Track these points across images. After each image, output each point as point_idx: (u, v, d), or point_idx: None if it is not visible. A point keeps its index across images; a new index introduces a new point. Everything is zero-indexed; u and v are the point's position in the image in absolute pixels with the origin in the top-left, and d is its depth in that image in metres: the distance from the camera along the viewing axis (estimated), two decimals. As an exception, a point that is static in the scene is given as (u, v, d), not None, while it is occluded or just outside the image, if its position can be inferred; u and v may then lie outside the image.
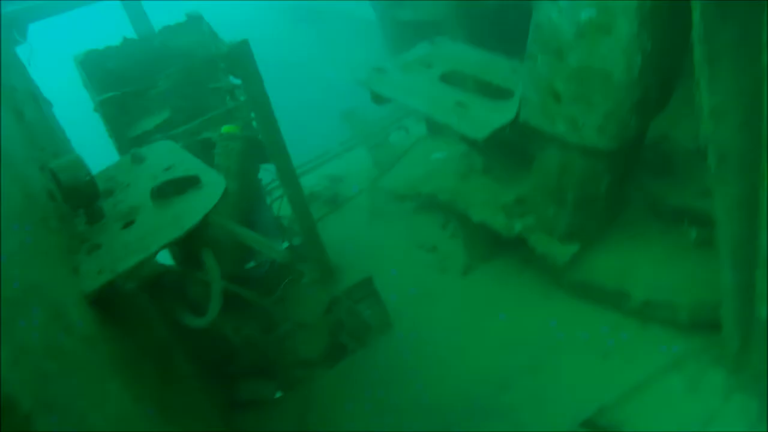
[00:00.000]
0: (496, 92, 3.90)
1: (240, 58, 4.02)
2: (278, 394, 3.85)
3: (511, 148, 3.74)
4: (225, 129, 4.19)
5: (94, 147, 4.32)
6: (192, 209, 2.40)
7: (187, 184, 2.55)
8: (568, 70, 2.93)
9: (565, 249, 3.59)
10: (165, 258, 2.92)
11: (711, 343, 3.15)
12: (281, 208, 4.79)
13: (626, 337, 3.48)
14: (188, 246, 2.49)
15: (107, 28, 5.57)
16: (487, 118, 3.50)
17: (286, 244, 4.53)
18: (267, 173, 4.62)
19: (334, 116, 6.49)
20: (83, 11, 5.28)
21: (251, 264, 4.18)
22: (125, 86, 4.32)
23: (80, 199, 2.54)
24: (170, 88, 4.05)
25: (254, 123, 4.28)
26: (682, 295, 3.31)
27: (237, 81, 4.16)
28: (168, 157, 3.07)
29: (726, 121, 2.28)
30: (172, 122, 4.09)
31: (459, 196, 4.10)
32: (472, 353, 3.73)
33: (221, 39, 4.45)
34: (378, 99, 4.05)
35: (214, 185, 2.52)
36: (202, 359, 3.60)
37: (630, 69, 2.77)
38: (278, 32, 8.89)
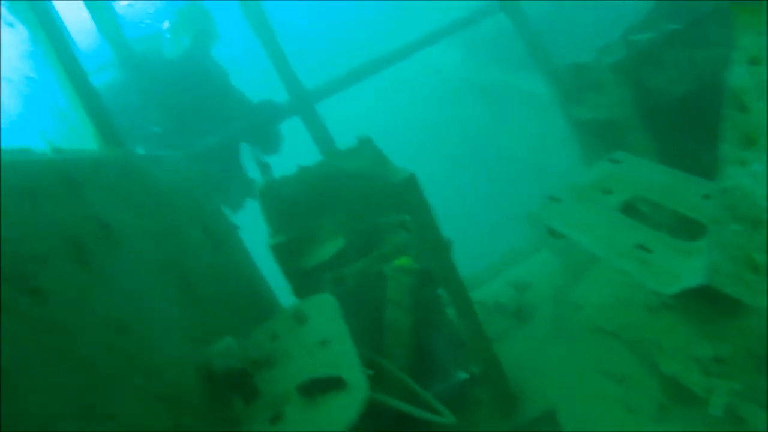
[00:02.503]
0: (683, 223, 3.43)
1: (406, 194, 4.02)
2: None
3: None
4: (398, 262, 4.20)
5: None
6: (332, 421, 2.39)
7: (332, 384, 2.56)
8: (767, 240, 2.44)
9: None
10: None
11: None
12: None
13: None
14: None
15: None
16: (675, 267, 3.06)
17: (464, 375, 4.37)
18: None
19: (519, 208, 6.22)
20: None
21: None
22: (298, 212, 4.49)
23: (233, 385, 2.68)
24: (340, 225, 4.16)
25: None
26: None
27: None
28: (327, 324, 3.13)
29: None
30: (346, 254, 4.17)
31: (646, 337, 3.62)
32: None
33: (390, 162, 4.48)
34: (554, 233, 3.75)
35: (357, 390, 2.49)
36: None
37: None
38: (456, 109, 8.86)
